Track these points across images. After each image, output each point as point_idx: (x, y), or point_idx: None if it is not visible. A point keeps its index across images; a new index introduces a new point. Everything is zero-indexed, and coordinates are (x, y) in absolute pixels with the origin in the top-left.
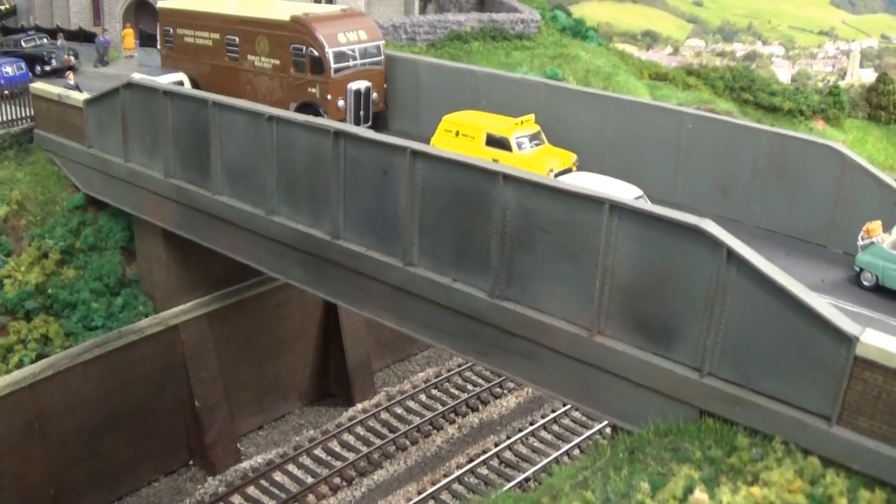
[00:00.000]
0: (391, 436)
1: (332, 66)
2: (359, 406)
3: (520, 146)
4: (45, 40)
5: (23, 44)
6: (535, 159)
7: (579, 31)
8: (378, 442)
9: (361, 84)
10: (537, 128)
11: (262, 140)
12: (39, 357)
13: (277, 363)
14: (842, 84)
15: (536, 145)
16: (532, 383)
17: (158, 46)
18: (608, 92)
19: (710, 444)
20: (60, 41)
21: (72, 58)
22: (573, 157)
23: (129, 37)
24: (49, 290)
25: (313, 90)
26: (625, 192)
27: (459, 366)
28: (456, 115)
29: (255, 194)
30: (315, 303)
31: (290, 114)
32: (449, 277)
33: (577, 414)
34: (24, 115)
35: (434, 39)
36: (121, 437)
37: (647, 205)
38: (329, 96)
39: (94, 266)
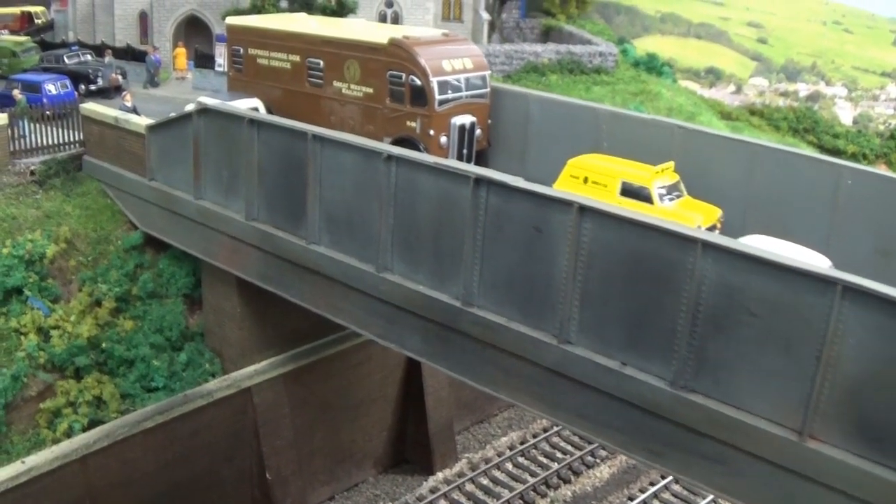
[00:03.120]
0: None
1: (437, 97)
2: (439, 475)
3: (660, 198)
4: (89, 57)
5: (65, 60)
6: (678, 214)
7: (653, 66)
8: None
9: (466, 119)
10: (677, 177)
11: (376, 183)
12: (92, 423)
13: (353, 427)
14: None
15: (676, 197)
16: (719, 491)
17: (218, 68)
18: (754, 139)
19: None
20: (108, 58)
21: (120, 77)
22: (718, 212)
23: (182, 57)
24: (103, 345)
25: (413, 124)
26: (817, 262)
27: (545, 430)
28: (584, 158)
29: (363, 246)
30: (397, 361)
31: (417, 154)
32: (617, 361)
33: (677, 487)
34: (72, 139)
35: (510, 70)
36: None
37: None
38: (431, 132)
39: (154, 316)
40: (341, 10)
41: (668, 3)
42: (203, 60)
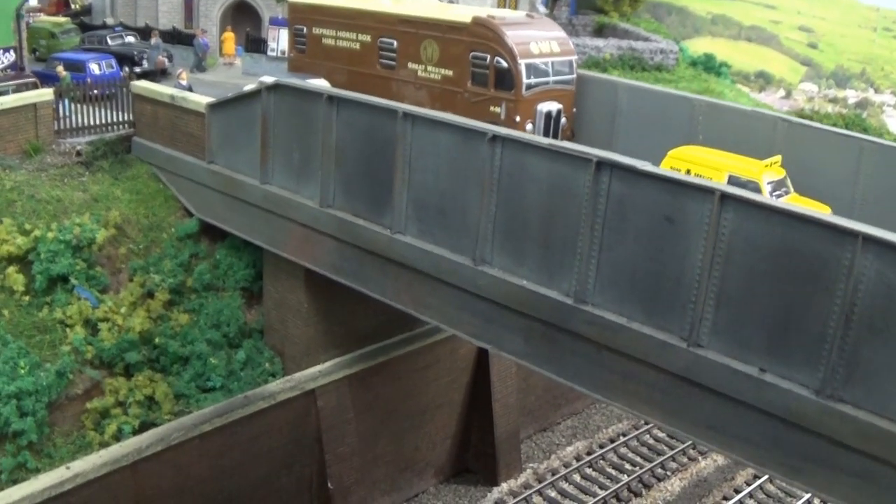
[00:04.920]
0: None
1: (524, 81)
2: (504, 486)
3: (769, 194)
4: (132, 39)
5: (108, 41)
6: None
7: (711, 66)
8: None
9: (552, 106)
10: (783, 172)
11: (477, 166)
12: (143, 426)
13: (417, 434)
14: None
15: (784, 193)
16: None
17: (270, 52)
18: (864, 135)
19: None
20: (154, 40)
21: (166, 60)
22: (826, 210)
23: (230, 41)
24: (156, 340)
25: (497, 109)
26: None
27: (612, 441)
28: (686, 150)
29: (458, 237)
30: (465, 364)
31: (527, 136)
32: (755, 367)
33: (752, 502)
34: (120, 119)
35: None
36: None
37: None
38: (517, 118)
39: (211, 311)
40: None
41: (720, 5)
42: (254, 45)
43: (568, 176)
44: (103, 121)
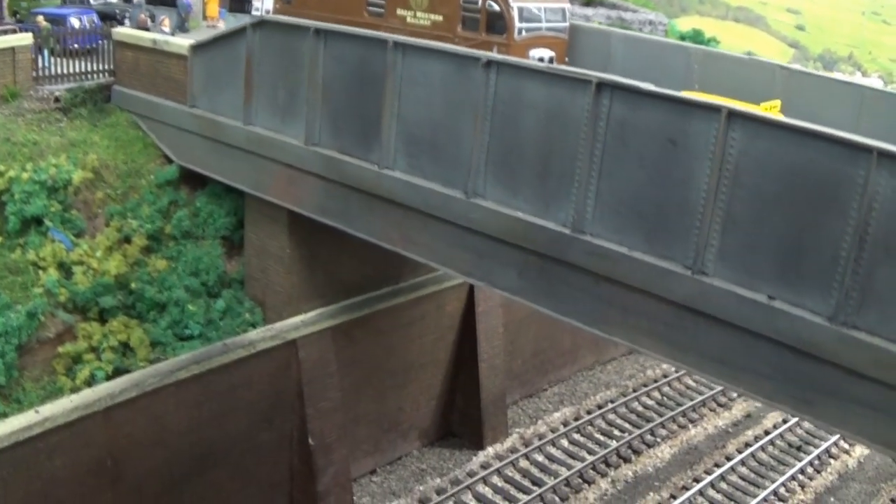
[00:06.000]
0: (537, 490)
1: (517, 25)
2: (490, 450)
3: None
4: None
5: (90, 0)
6: None
7: (700, 40)
8: (522, 497)
9: (544, 53)
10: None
11: (471, 95)
12: (117, 372)
13: (401, 393)
14: None
15: None
16: (883, 446)
17: (255, 12)
18: (864, 82)
19: None
20: None
21: (149, 19)
22: None
23: (214, 3)
24: (132, 285)
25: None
26: None
27: (600, 407)
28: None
29: (449, 170)
30: (451, 321)
31: (523, 61)
32: (764, 293)
33: (744, 470)
34: (100, 67)
35: None
36: (212, 482)
37: None
38: None
39: (189, 258)
40: None
41: None
42: (238, 5)
43: (566, 100)
44: (83, 69)
